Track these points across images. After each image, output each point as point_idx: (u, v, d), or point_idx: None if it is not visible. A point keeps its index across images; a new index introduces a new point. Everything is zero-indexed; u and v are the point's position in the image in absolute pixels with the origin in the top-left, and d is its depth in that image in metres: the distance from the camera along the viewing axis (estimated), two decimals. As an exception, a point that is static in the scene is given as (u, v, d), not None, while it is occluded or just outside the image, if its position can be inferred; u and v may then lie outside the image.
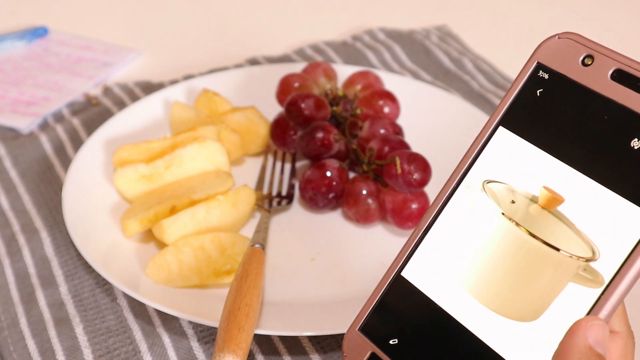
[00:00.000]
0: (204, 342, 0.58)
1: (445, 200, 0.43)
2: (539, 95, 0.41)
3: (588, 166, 0.38)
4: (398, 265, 0.43)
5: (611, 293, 0.36)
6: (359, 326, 0.42)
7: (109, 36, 0.99)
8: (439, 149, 0.73)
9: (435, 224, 0.43)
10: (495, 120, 0.42)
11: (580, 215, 0.38)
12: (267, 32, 1.01)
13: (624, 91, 0.38)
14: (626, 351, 0.38)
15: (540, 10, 1.08)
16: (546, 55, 0.41)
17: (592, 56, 0.39)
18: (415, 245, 0.43)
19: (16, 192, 0.72)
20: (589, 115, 0.39)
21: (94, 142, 0.73)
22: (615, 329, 0.39)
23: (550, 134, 0.40)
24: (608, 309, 0.36)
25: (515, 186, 0.37)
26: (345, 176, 0.68)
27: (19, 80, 0.89)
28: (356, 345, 0.42)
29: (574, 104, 0.39)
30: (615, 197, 0.37)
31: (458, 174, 0.43)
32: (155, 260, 0.61)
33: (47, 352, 0.57)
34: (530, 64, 0.42)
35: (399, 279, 0.42)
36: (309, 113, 0.70)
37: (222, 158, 0.69)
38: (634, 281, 0.36)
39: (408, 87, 0.81)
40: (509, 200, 0.38)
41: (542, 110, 0.41)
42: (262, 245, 0.60)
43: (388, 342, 0.41)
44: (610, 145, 0.38)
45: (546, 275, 0.37)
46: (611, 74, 0.39)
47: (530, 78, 0.42)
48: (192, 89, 0.81)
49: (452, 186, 0.43)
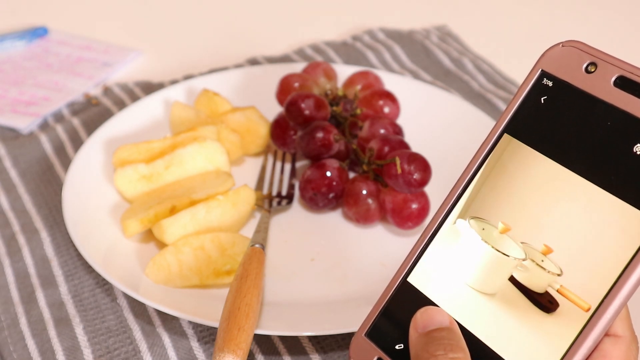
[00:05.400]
0: (204, 342, 0.58)
1: (451, 206, 0.43)
2: (543, 102, 0.41)
3: (591, 172, 0.39)
4: (404, 270, 0.43)
5: (614, 297, 0.37)
6: (366, 331, 0.43)
7: (109, 36, 0.99)
8: (439, 149, 0.73)
9: (441, 229, 0.43)
10: (500, 128, 0.43)
11: (583, 221, 0.39)
12: (267, 32, 1.01)
13: (627, 98, 0.38)
14: (629, 355, 0.38)
15: (540, 10, 1.08)
16: (550, 63, 0.42)
17: (595, 63, 0.40)
18: (422, 251, 0.43)
19: (16, 192, 0.72)
20: (593, 121, 0.39)
21: (94, 142, 0.73)
22: (618, 333, 0.39)
23: (554, 141, 0.41)
24: (612, 310, 0.36)
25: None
26: (345, 176, 0.68)
27: (19, 80, 0.89)
28: (363, 350, 0.42)
29: (578, 111, 0.40)
30: (618, 203, 0.38)
31: (463, 181, 0.43)
32: (155, 260, 0.61)
33: (47, 352, 0.57)
34: (535, 71, 0.42)
35: (405, 285, 0.43)
36: (309, 113, 0.70)
37: (222, 158, 0.69)
38: (637, 284, 0.37)
39: (408, 87, 0.81)
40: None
41: (547, 117, 0.41)
42: (262, 245, 0.60)
43: (394, 347, 0.41)
44: (614, 152, 0.38)
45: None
46: (614, 80, 0.39)
47: (534, 86, 0.42)
48: (192, 89, 0.81)
49: (457, 192, 0.43)
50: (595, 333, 0.37)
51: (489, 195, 0.43)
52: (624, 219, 0.37)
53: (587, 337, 0.37)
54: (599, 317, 0.37)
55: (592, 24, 1.03)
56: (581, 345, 0.37)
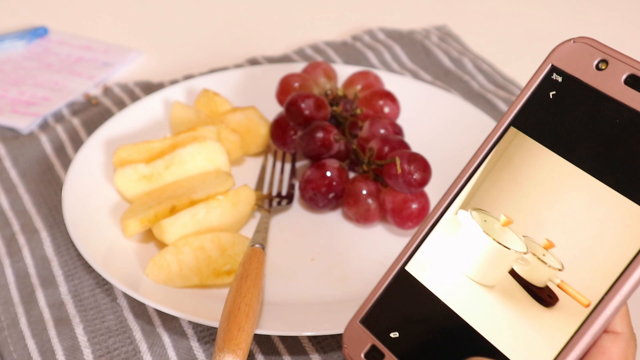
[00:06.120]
0: (204, 342, 0.58)
1: (454, 197, 0.43)
2: (551, 97, 0.41)
3: (597, 169, 0.39)
4: (403, 259, 0.43)
5: (615, 294, 0.37)
6: (360, 318, 0.43)
7: (109, 36, 0.99)
8: (439, 149, 0.73)
9: (442, 219, 0.43)
10: (506, 121, 0.43)
11: (587, 217, 0.39)
12: (267, 32, 1.01)
13: (637, 96, 0.38)
14: (627, 352, 0.38)
15: (540, 11, 1.08)
16: (561, 59, 0.42)
17: (607, 61, 0.40)
18: (422, 240, 0.43)
19: (16, 192, 0.72)
20: (601, 119, 0.39)
21: (94, 142, 0.73)
22: (617, 330, 0.39)
23: (561, 136, 0.41)
24: (612, 307, 0.37)
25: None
26: (345, 176, 0.68)
27: (19, 80, 0.89)
28: (357, 336, 0.42)
29: (587, 107, 0.40)
30: (623, 200, 0.38)
31: (467, 172, 0.43)
32: (155, 260, 0.61)
33: (47, 352, 0.57)
34: (545, 66, 0.42)
35: (403, 273, 0.43)
36: (309, 113, 0.70)
37: (222, 158, 0.69)
38: (639, 282, 0.37)
39: (408, 87, 0.81)
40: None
41: (555, 112, 0.41)
42: (262, 245, 0.60)
43: (389, 335, 0.41)
44: (621, 149, 0.38)
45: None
46: (625, 79, 0.39)
47: (544, 80, 0.42)
48: (192, 89, 0.81)
49: (460, 184, 0.43)
50: (594, 329, 0.37)
51: (493, 187, 0.43)
52: (628, 216, 0.37)
53: (585, 333, 0.37)
54: (598, 314, 0.37)
55: (593, 24, 1.03)
56: (580, 340, 0.37)
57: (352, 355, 0.42)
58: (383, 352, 0.41)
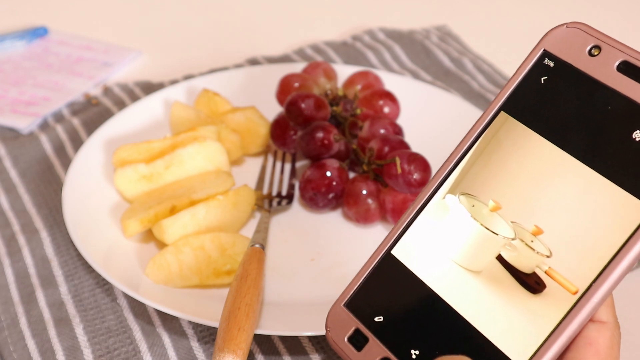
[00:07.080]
0: (204, 342, 0.58)
1: (441, 181, 0.43)
2: (543, 82, 0.41)
3: (588, 155, 0.39)
4: (389, 243, 0.43)
5: (602, 282, 0.36)
6: (345, 302, 0.42)
7: (109, 36, 0.99)
8: (439, 149, 0.73)
9: (430, 203, 0.43)
10: (497, 105, 0.42)
11: (576, 204, 0.38)
12: (267, 32, 1.01)
13: (629, 83, 0.38)
14: (612, 341, 0.38)
15: (540, 10, 1.08)
16: (553, 43, 0.41)
17: (600, 47, 0.40)
18: (408, 224, 0.43)
19: (16, 192, 0.72)
20: (593, 105, 0.39)
21: (94, 142, 0.73)
22: (602, 319, 0.39)
23: (552, 122, 0.40)
24: (600, 295, 0.36)
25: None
26: (345, 176, 0.68)
27: (19, 80, 0.89)
28: (341, 320, 0.42)
29: (578, 93, 0.40)
30: (613, 188, 0.37)
31: (456, 156, 0.43)
32: (155, 260, 0.61)
33: (47, 352, 0.57)
34: (537, 50, 0.42)
35: (389, 257, 0.42)
36: (309, 113, 0.70)
37: (222, 158, 0.69)
38: (627, 270, 0.36)
39: (408, 87, 0.81)
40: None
41: (546, 97, 0.41)
42: (262, 245, 0.60)
43: (373, 319, 0.41)
44: (612, 136, 0.38)
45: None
46: (617, 65, 0.39)
47: (535, 65, 0.42)
48: (192, 89, 0.81)
49: (449, 168, 0.43)
50: (581, 316, 0.37)
51: (481, 172, 0.42)
52: (618, 204, 0.37)
53: (572, 320, 0.37)
54: (586, 301, 0.37)
55: (593, 24, 1.03)
56: (566, 327, 0.37)
57: (336, 339, 0.41)
58: (367, 336, 0.41)
